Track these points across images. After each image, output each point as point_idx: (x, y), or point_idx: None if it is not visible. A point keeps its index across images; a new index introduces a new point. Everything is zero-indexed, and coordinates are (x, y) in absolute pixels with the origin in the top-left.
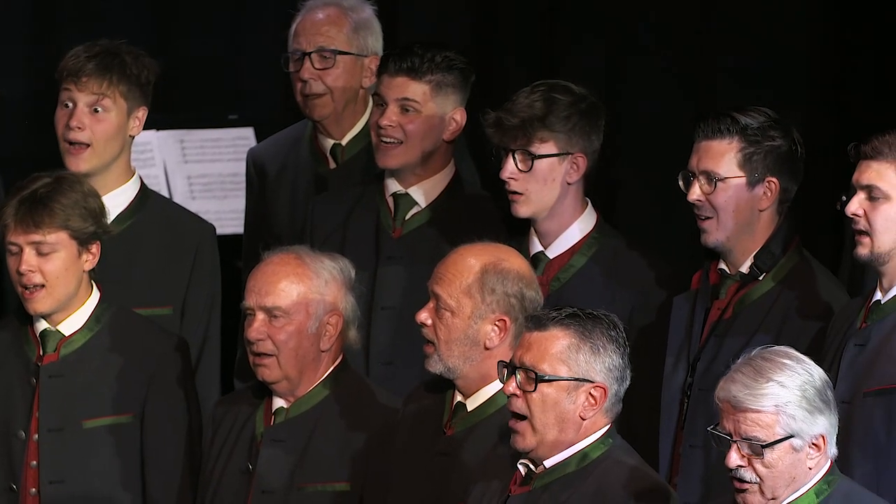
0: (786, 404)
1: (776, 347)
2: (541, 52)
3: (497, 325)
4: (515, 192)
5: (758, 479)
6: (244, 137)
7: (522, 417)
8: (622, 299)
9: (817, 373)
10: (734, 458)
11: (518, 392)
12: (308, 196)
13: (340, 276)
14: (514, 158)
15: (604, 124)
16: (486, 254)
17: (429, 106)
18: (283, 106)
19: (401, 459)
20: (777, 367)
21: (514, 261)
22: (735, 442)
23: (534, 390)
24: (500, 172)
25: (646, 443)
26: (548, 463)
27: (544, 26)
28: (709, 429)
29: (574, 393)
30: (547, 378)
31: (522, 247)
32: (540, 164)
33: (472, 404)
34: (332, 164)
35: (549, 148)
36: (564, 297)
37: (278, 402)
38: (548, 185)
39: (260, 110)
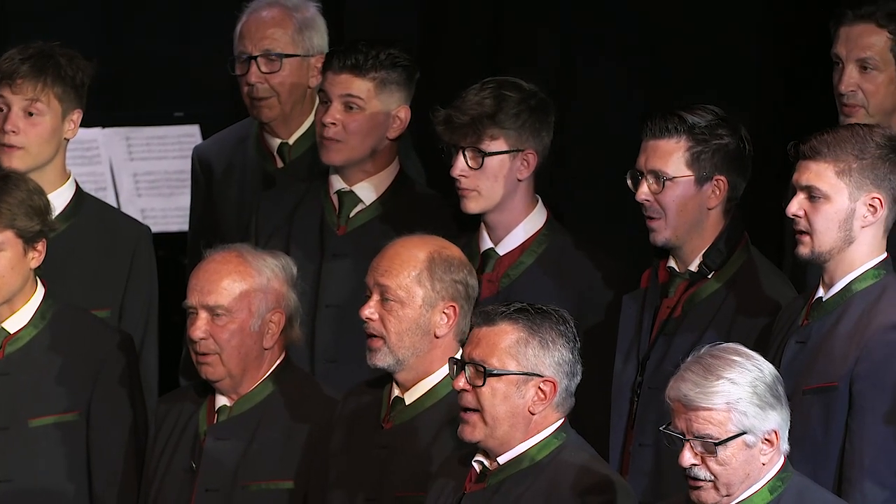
0: (737, 401)
1: (725, 345)
2: (489, 48)
3: (446, 313)
4: (466, 189)
5: (712, 477)
6: (190, 135)
7: (474, 410)
8: (572, 297)
9: (767, 368)
10: (687, 457)
11: (468, 387)
12: (256, 195)
13: (282, 273)
14: (464, 155)
15: (554, 121)
16: (427, 243)
17: (373, 103)
18: (230, 103)
19: (340, 455)
20: (727, 365)
21: (453, 249)
22: (688, 441)
23: (483, 385)
24: (450, 170)
25: (595, 442)
26: (501, 459)
27: (492, 22)
28: (661, 428)
29: (523, 387)
30: (496, 372)
31: (472, 244)
32: (490, 162)
33: (409, 398)
34: (280, 163)
35: (499, 145)
36: (514, 294)
37: (221, 400)
38: (498, 181)
39: (206, 108)
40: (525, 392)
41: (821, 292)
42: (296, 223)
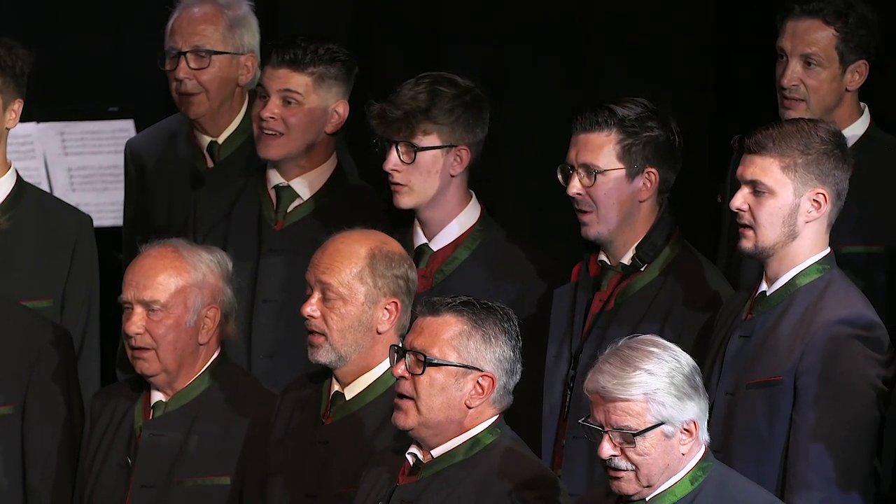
0: (654, 391)
1: (643, 336)
2: (423, 42)
3: (388, 309)
4: (398, 184)
5: (633, 467)
6: (124, 129)
7: (409, 397)
8: (505, 292)
9: (685, 359)
10: (607, 449)
11: (406, 375)
12: (186, 191)
13: (218, 268)
14: (397, 150)
15: (488, 116)
16: (367, 239)
17: (311, 98)
18: (165, 98)
19: (279, 450)
20: (644, 356)
21: (393, 244)
22: (607, 432)
23: (422, 373)
24: (383, 164)
25: (528, 435)
26: (435, 452)
27: (426, 16)
28: (580, 421)
29: (462, 380)
30: (435, 362)
31: (406, 239)
32: (423, 157)
33: (350, 393)
34: (210, 162)
35: (432, 140)
36: (448, 290)
37: (157, 396)
38: (431, 177)
39: (141, 102)
40: (463, 385)
41: (764, 287)
42: (234, 218)
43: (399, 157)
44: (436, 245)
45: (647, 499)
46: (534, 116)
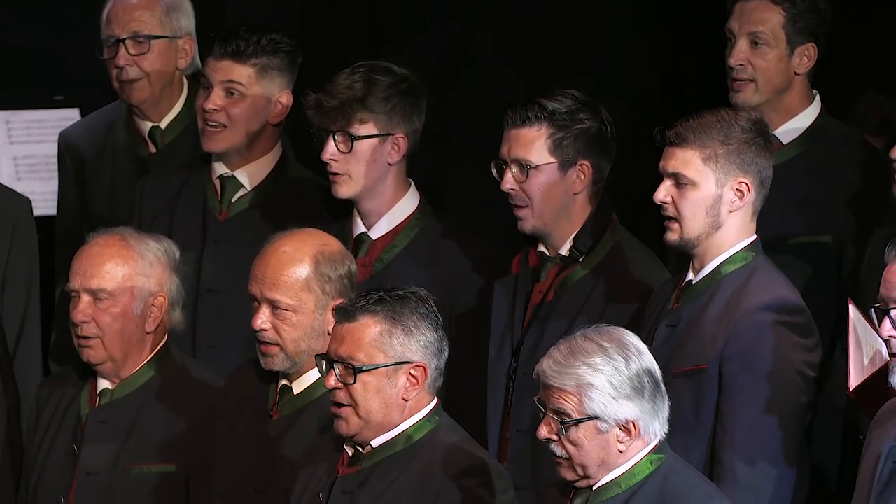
0: (588, 386)
1: (609, 328)
2: (370, 33)
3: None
4: (336, 174)
5: (567, 455)
6: (70, 118)
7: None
8: (445, 280)
9: (636, 360)
10: (543, 431)
11: (339, 385)
12: (128, 179)
13: (165, 257)
14: (334, 140)
15: (425, 105)
16: (307, 243)
17: (254, 89)
18: (110, 87)
19: (226, 443)
20: (592, 350)
21: (331, 242)
22: (546, 415)
23: (354, 382)
24: (320, 154)
25: (471, 428)
26: (375, 443)
27: (374, 7)
28: (535, 398)
29: (394, 377)
30: (365, 368)
31: (345, 228)
32: (360, 145)
33: (297, 388)
34: (152, 147)
35: (369, 129)
36: (387, 278)
37: (103, 384)
38: (368, 165)
39: (86, 91)
40: (397, 381)
41: (690, 276)
42: (178, 208)
43: (336, 146)
44: (375, 234)
45: (593, 488)
46: (482, 107)
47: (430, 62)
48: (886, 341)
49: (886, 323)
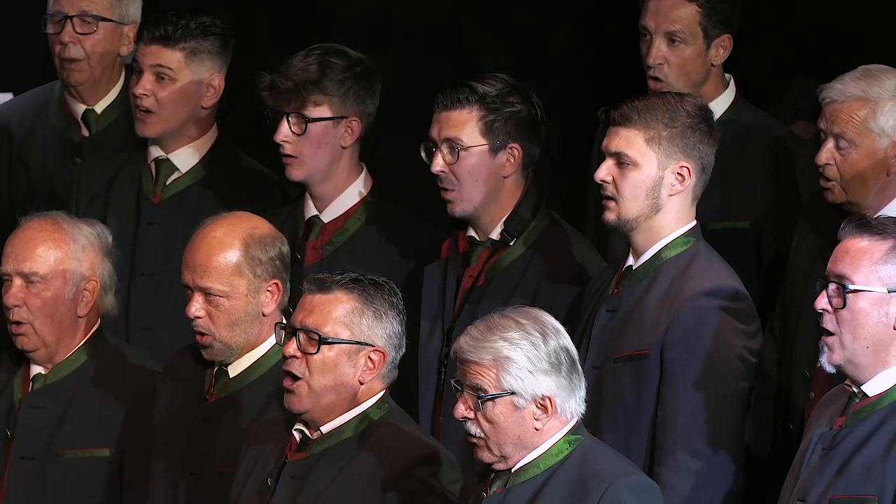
0: (505, 360)
1: (524, 308)
2: (303, 13)
3: (269, 291)
4: (289, 156)
5: (483, 434)
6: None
7: (298, 378)
8: (395, 264)
9: (554, 337)
10: (460, 409)
11: (298, 354)
12: (59, 161)
13: (97, 241)
14: (288, 122)
15: (379, 88)
16: (236, 228)
17: (184, 73)
18: (43, 71)
19: (162, 426)
20: (509, 325)
21: (261, 224)
22: (462, 393)
23: (316, 352)
24: (274, 135)
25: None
26: (324, 429)
27: None
28: (451, 380)
29: (355, 357)
30: (330, 340)
31: (297, 210)
32: (314, 128)
33: (233, 371)
34: (84, 130)
35: (323, 111)
36: (338, 262)
37: (36, 369)
38: (322, 148)
39: (19, 75)
40: (356, 361)
41: (630, 261)
42: (114, 191)
43: (290, 128)
44: (326, 217)
45: (512, 470)
46: (410, 90)
47: (359, 41)
48: (820, 314)
49: (823, 296)
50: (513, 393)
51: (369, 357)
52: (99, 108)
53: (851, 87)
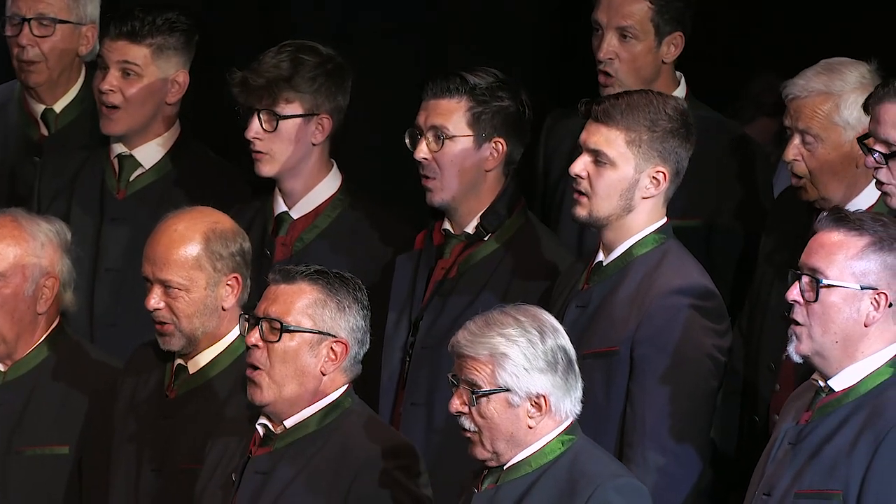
0: (501, 356)
1: (526, 306)
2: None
3: (230, 285)
4: (260, 152)
5: (476, 429)
6: None
7: (262, 369)
8: (365, 261)
9: (552, 336)
10: (455, 403)
11: (260, 343)
12: (18, 159)
13: (56, 238)
14: (259, 118)
15: (350, 85)
16: (198, 222)
17: (150, 69)
18: (2, 71)
19: (123, 423)
20: (507, 322)
21: (223, 220)
22: (458, 387)
23: (278, 340)
24: (245, 132)
25: (368, 403)
26: (288, 423)
27: None
28: (449, 374)
29: (317, 347)
30: (292, 328)
31: (266, 206)
32: (285, 125)
33: (193, 367)
34: (44, 129)
35: (294, 108)
36: (307, 258)
37: None
38: (293, 145)
39: None
40: (318, 352)
41: (601, 257)
42: (77, 187)
43: (261, 125)
44: (296, 213)
45: (504, 467)
46: (377, 82)
47: (323, 35)
48: (791, 305)
49: (795, 287)
50: (507, 390)
51: (331, 348)
52: (58, 107)
53: (814, 82)
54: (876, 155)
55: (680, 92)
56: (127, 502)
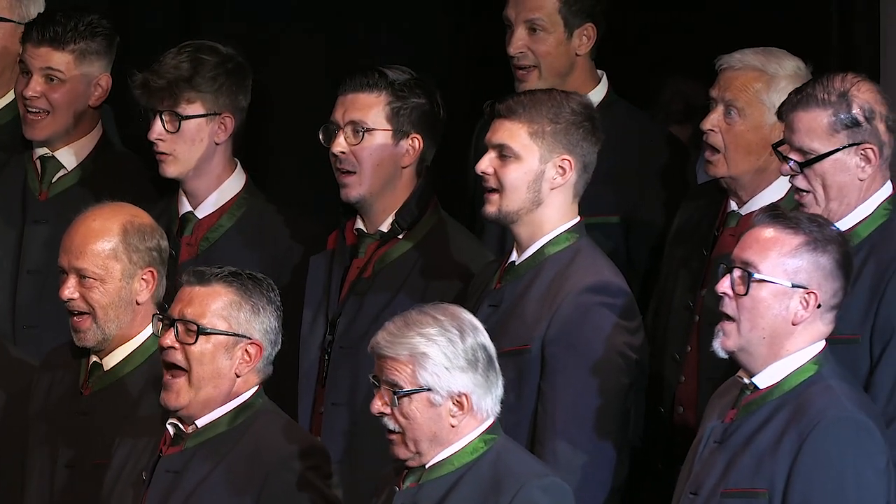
0: (421, 355)
1: (445, 305)
2: (181, 8)
3: (144, 279)
4: (163, 153)
5: (400, 429)
6: None
7: (179, 368)
8: (270, 260)
9: (472, 334)
10: (377, 405)
11: (176, 345)
12: None
13: None
14: (161, 119)
15: (251, 84)
16: (117, 215)
17: (74, 74)
18: None
19: (38, 422)
20: (427, 322)
21: (143, 216)
22: (379, 387)
23: (194, 343)
24: (147, 133)
25: (282, 402)
26: (199, 422)
27: None
28: (369, 375)
29: (232, 349)
30: (208, 330)
31: (171, 207)
32: (187, 125)
33: (108, 363)
34: None
35: (196, 108)
36: (213, 258)
37: None
38: (195, 145)
39: None
40: (233, 354)
41: (514, 256)
42: None
43: (163, 126)
44: (201, 213)
45: (426, 466)
46: (292, 83)
47: (239, 42)
48: (720, 297)
49: (726, 280)
50: (429, 389)
51: (246, 350)
52: None
53: (751, 58)
54: (791, 163)
55: (601, 89)
56: (42, 499)
